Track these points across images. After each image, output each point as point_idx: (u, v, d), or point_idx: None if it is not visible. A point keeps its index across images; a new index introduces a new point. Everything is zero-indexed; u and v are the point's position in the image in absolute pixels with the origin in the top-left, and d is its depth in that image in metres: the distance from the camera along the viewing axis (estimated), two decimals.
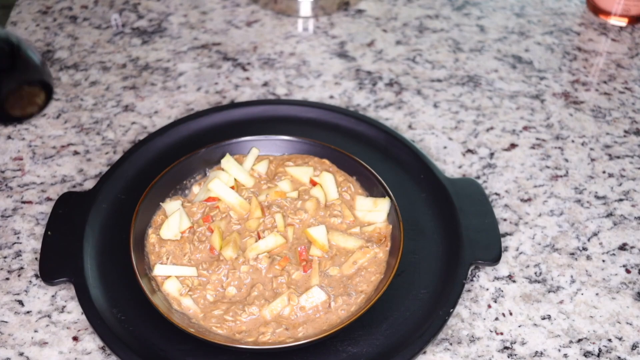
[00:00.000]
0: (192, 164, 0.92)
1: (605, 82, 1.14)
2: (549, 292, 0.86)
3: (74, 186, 0.96)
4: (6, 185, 0.96)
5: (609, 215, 0.94)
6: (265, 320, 0.78)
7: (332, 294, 0.80)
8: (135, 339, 0.78)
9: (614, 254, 0.90)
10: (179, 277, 0.81)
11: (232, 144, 0.94)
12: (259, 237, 0.84)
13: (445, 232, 0.88)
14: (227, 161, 0.91)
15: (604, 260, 0.89)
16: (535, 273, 0.88)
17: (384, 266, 0.83)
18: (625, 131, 1.06)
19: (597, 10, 1.25)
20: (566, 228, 0.93)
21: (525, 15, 1.26)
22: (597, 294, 0.86)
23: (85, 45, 1.17)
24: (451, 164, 1.00)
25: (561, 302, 0.85)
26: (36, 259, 0.87)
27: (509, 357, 0.79)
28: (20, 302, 0.83)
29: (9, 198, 0.94)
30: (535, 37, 1.22)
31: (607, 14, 1.23)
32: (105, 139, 1.02)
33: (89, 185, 0.96)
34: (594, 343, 0.81)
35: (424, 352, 0.79)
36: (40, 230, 0.90)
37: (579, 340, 0.81)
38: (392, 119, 1.06)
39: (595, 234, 0.92)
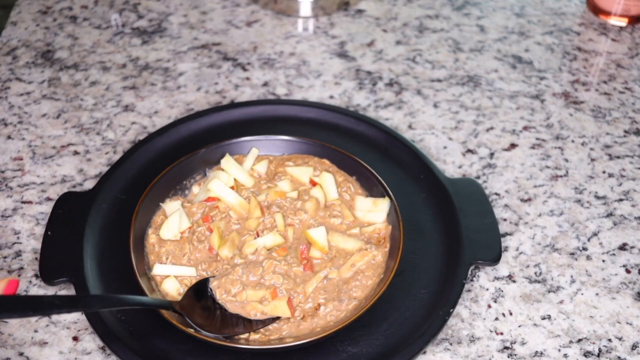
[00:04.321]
0: (192, 164, 0.92)
1: (605, 82, 1.14)
2: (549, 292, 0.86)
3: (74, 186, 0.96)
4: (6, 185, 0.96)
5: (609, 215, 0.94)
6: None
7: (324, 298, 0.80)
8: (135, 339, 0.78)
9: (614, 254, 0.90)
10: (177, 277, 0.81)
11: (232, 144, 0.94)
12: (258, 236, 0.84)
13: (445, 232, 0.88)
14: (227, 161, 0.91)
15: (604, 260, 0.89)
16: (535, 273, 0.88)
17: (382, 269, 0.82)
18: (625, 131, 1.06)
19: (597, 10, 1.25)
20: (566, 228, 0.93)
21: (525, 15, 1.27)
22: (597, 294, 0.86)
23: (85, 45, 1.17)
24: (451, 164, 1.00)
25: (561, 302, 0.85)
26: (36, 259, 0.87)
27: (509, 357, 0.79)
28: None
29: (9, 198, 0.94)
30: (535, 37, 1.22)
31: (607, 14, 1.23)
32: (105, 139, 1.02)
33: (89, 185, 0.96)
34: (594, 343, 0.81)
35: (424, 352, 0.79)
36: (40, 230, 0.90)
37: (579, 340, 0.81)
38: (392, 119, 1.06)
39: (595, 234, 0.92)
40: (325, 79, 1.12)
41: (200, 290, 0.79)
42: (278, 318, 0.79)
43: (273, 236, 0.84)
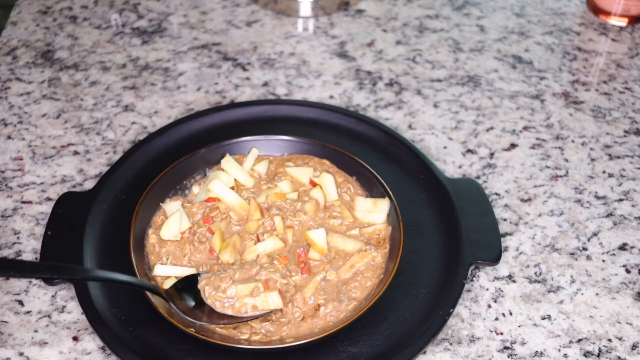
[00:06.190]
0: (192, 164, 0.92)
1: (605, 82, 1.14)
2: (549, 292, 0.86)
3: (74, 186, 0.96)
4: (6, 185, 0.96)
5: (609, 215, 0.94)
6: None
7: (324, 299, 0.80)
8: (135, 339, 0.78)
9: (614, 254, 0.90)
10: (178, 278, 0.81)
11: (232, 144, 0.94)
12: (258, 240, 0.84)
13: (445, 232, 0.88)
14: (227, 161, 0.91)
15: (604, 260, 0.89)
16: (535, 273, 0.88)
17: (381, 271, 0.82)
18: (625, 131, 1.06)
19: (597, 10, 1.25)
20: (566, 228, 0.93)
21: (525, 15, 1.27)
22: (597, 294, 0.86)
23: (85, 45, 1.17)
24: (451, 164, 1.00)
25: (561, 302, 0.85)
26: (36, 259, 0.87)
27: (509, 357, 0.79)
28: (20, 302, 0.83)
29: (9, 198, 0.94)
30: (535, 37, 1.22)
31: (607, 14, 1.23)
32: (105, 139, 1.02)
33: (89, 185, 0.96)
34: (594, 343, 0.81)
35: (424, 352, 0.79)
36: (40, 230, 0.90)
37: (579, 340, 0.81)
38: (392, 119, 1.06)
39: (595, 234, 0.92)
40: (325, 79, 1.12)
41: (189, 286, 0.79)
42: (269, 313, 0.78)
43: (273, 240, 0.84)
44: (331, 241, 0.85)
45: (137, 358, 0.75)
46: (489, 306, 0.84)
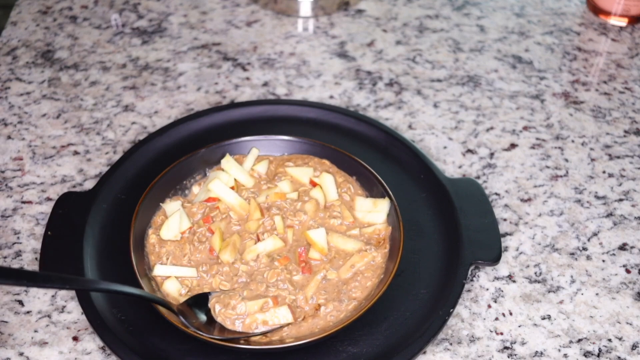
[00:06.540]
0: (192, 164, 0.92)
1: (605, 82, 1.14)
2: (549, 292, 0.86)
3: (74, 186, 0.96)
4: (6, 185, 0.96)
5: (609, 215, 0.94)
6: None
7: (324, 299, 0.80)
8: (135, 339, 0.78)
9: (614, 254, 0.90)
10: (178, 278, 0.81)
11: (232, 144, 0.94)
12: (258, 240, 0.84)
13: (445, 232, 0.88)
14: (227, 161, 0.91)
15: (604, 260, 0.89)
16: (535, 273, 0.88)
17: (381, 271, 0.82)
18: (625, 131, 1.06)
19: (597, 10, 1.25)
20: (566, 228, 0.93)
21: (525, 15, 1.27)
22: (597, 294, 0.86)
23: (85, 45, 1.17)
24: (451, 164, 1.00)
25: (561, 302, 0.85)
26: (36, 259, 0.87)
27: (509, 357, 0.79)
28: (20, 302, 0.83)
29: (9, 198, 0.94)
30: (535, 37, 1.22)
31: (607, 14, 1.23)
32: (105, 139, 1.02)
33: (89, 185, 0.96)
34: (594, 343, 0.81)
35: (424, 352, 0.79)
36: (40, 230, 0.90)
37: (579, 340, 0.81)
38: (392, 119, 1.06)
39: (595, 234, 0.92)
40: (325, 79, 1.12)
41: (199, 303, 0.79)
42: (280, 328, 0.78)
43: (273, 240, 0.84)
44: (331, 241, 0.85)
45: (137, 358, 0.75)
46: (489, 306, 0.84)
